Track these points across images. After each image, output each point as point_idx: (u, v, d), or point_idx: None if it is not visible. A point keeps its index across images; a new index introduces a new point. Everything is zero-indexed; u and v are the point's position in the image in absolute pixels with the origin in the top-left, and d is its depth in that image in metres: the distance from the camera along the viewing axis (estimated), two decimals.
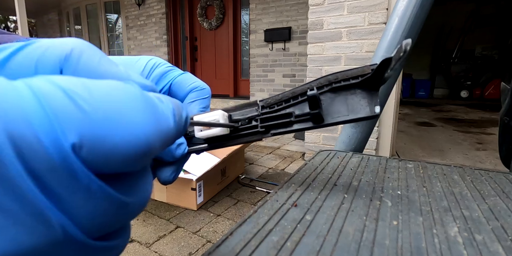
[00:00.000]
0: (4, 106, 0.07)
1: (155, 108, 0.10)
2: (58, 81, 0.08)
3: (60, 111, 0.08)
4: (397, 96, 1.81)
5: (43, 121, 0.08)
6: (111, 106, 0.09)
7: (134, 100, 0.10)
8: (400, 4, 0.49)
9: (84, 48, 0.11)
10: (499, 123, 0.73)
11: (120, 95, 0.09)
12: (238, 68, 4.53)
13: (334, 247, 0.20)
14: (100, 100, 0.09)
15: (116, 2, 5.47)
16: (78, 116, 0.08)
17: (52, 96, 0.08)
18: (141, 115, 0.10)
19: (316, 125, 0.21)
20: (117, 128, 0.09)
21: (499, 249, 0.20)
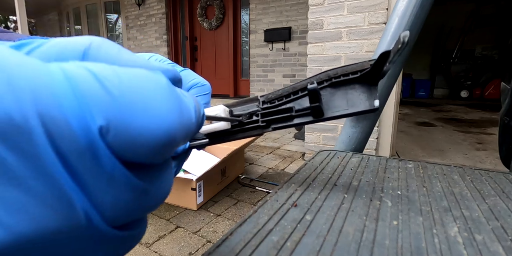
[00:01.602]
0: (37, 87, 0.07)
1: (180, 100, 0.11)
2: (89, 66, 0.09)
3: (89, 94, 0.08)
4: (397, 96, 1.81)
5: (72, 103, 0.08)
6: (139, 92, 0.09)
7: (161, 90, 0.10)
8: (400, 4, 0.49)
9: (102, 41, 0.11)
10: (499, 123, 0.73)
11: (148, 83, 0.09)
12: (238, 68, 4.53)
13: (334, 247, 0.20)
14: (128, 86, 0.09)
15: (116, 2, 5.47)
16: (106, 99, 0.08)
17: (83, 79, 0.08)
18: (167, 105, 0.10)
19: (316, 119, 0.21)
20: (143, 115, 0.09)
21: (499, 249, 0.20)
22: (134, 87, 0.09)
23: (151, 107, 0.09)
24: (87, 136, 0.08)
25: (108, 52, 0.11)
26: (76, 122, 0.08)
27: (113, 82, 0.09)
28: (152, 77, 0.10)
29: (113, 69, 0.09)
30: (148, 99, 0.09)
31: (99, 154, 0.08)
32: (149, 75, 0.10)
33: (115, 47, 0.12)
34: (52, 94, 0.07)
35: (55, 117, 0.07)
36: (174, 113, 0.10)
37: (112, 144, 0.08)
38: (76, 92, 0.08)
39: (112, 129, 0.08)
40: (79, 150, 0.08)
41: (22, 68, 0.07)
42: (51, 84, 0.08)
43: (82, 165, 0.08)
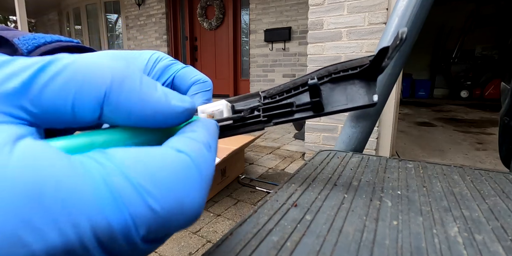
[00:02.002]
0: (87, 206, 0.08)
1: (204, 169, 0.12)
2: (128, 173, 0.09)
3: (135, 212, 0.09)
4: (397, 96, 1.81)
5: (120, 220, 0.09)
6: (174, 194, 0.10)
7: (194, 181, 0.11)
8: (400, 4, 0.49)
9: (124, 76, 0.11)
10: (499, 123, 0.73)
11: (180, 177, 0.10)
12: (238, 68, 4.53)
13: (334, 247, 0.20)
14: (165, 193, 0.10)
15: (116, 2, 5.47)
16: (149, 215, 0.09)
17: (128, 197, 0.09)
18: (197, 189, 0.11)
19: (317, 114, 0.22)
20: (178, 212, 0.10)
21: (499, 249, 0.20)
22: (171, 191, 0.10)
23: (186, 200, 0.10)
24: (130, 245, 0.09)
25: (129, 95, 0.11)
26: (122, 236, 0.09)
27: (154, 197, 0.09)
28: (186, 170, 0.11)
29: (150, 173, 0.10)
30: (184, 195, 0.10)
31: (137, 245, 0.09)
32: (183, 167, 0.11)
33: (137, 82, 0.12)
34: (99, 210, 0.08)
35: (103, 229, 0.09)
36: (202, 190, 0.11)
37: (147, 239, 0.10)
38: (122, 210, 0.09)
39: (152, 232, 0.10)
40: (124, 250, 0.09)
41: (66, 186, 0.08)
42: (96, 200, 0.08)
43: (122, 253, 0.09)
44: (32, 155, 0.08)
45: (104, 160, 0.09)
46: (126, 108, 0.11)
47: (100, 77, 0.11)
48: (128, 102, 0.11)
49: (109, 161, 0.09)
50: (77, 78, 0.10)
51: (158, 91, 0.12)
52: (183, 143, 0.12)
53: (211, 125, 0.15)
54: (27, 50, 0.18)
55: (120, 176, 0.09)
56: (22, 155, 0.08)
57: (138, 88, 0.11)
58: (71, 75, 0.10)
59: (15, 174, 0.08)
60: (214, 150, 0.13)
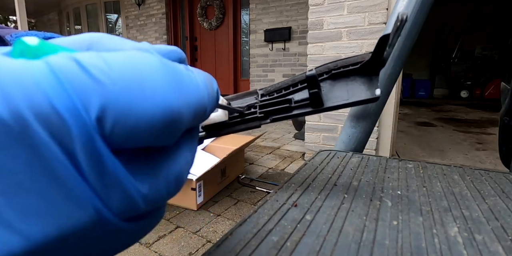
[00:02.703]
0: (23, 83, 0.07)
1: (179, 75, 0.10)
2: (77, 55, 0.08)
3: (77, 84, 0.08)
4: (397, 96, 1.81)
5: (61, 95, 0.07)
6: (129, 75, 0.09)
7: (152, 68, 0.09)
8: (400, 4, 0.49)
9: (102, 35, 0.12)
10: (499, 123, 0.73)
11: (137, 63, 0.09)
12: (238, 68, 4.53)
13: (334, 247, 0.20)
14: (117, 70, 0.08)
15: (116, 2, 5.47)
16: (95, 88, 0.08)
17: (68, 70, 0.08)
18: (161, 81, 0.09)
19: (316, 109, 0.21)
20: (137, 97, 0.08)
21: (499, 249, 0.20)
22: (124, 70, 0.08)
23: (144, 86, 0.09)
24: (83, 127, 0.08)
25: (111, 43, 0.11)
26: (69, 115, 0.07)
27: (101, 69, 0.08)
28: (141, 57, 0.09)
29: (100, 55, 0.09)
30: (139, 79, 0.09)
31: (98, 146, 0.08)
32: (138, 55, 0.09)
33: (117, 38, 0.12)
34: (39, 89, 0.07)
35: (47, 111, 0.07)
36: (170, 89, 0.09)
37: (113, 134, 0.08)
38: (64, 84, 0.07)
39: (109, 117, 0.08)
40: (78, 143, 0.07)
41: (3, 68, 0.07)
42: (36, 79, 0.07)
43: (84, 160, 0.08)
44: None
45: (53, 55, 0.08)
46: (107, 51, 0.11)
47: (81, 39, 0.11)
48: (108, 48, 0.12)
49: (59, 53, 0.09)
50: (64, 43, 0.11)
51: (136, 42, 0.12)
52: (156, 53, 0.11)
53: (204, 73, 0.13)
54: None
55: (65, 57, 0.08)
56: None
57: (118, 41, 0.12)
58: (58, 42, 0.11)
59: None
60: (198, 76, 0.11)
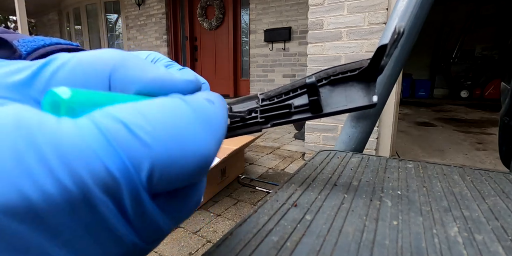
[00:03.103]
0: (83, 152, 0.08)
1: (208, 118, 0.11)
2: (118, 115, 0.09)
3: (129, 150, 0.09)
4: (397, 96, 1.81)
5: (117, 162, 0.08)
6: (170, 132, 0.10)
7: (189, 120, 0.10)
8: (400, 4, 0.49)
9: (124, 60, 0.12)
10: (499, 123, 0.73)
11: (175, 117, 0.10)
12: (238, 68, 4.53)
13: (334, 247, 0.20)
14: (159, 129, 0.09)
15: (116, 2, 5.47)
16: (145, 151, 0.09)
17: (119, 135, 0.09)
18: (198, 133, 0.10)
19: (315, 115, 0.22)
20: (179, 153, 0.09)
21: (499, 249, 0.20)
22: (164, 128, 0.09)
23: (184, 141, 0.10)
24: (133, 185, 0.09)
25: (133, 74, 0.11)
26: (123, 177, 0.08)
27: (146, 130, 0.09)
28: (176, 109, 0.10)
29: (140, 112, 0.09)
30: (180, 135, 0.10)
31: (143, 199, 0.09)
32: (173, 108, 0.10)
33: (140, 65, 0.12)
34: (96, 156, 0.08)
35: (104, 177, 0.08)
36: (205, 135, 0.11)
37: (157, 185, 0.09)
38: (117, 150, 0.08)
39: (155, 175, 0.09)
40: (127, 197, 0.09)
41: (59, 134, 0.08)
42: (92, 146, 0.08)
43: (130, 209, 0.09)
44: (18, 112, 0.08)
45: (94, 112, 0.09)
46: (130, 83, 0.11)
47: (103, 62, 0.11)
48: (132, 78, 0.11)
49: (100, 110, 0.09)
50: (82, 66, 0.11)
51: (159, 67, 0.12)
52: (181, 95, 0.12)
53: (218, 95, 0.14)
54: (26, 52, 0.18)
55: (109, 117, 0.09)
56: (11, 113, 0.08)
57: (141, 65, 0.12)
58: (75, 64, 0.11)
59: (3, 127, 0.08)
60: (220, 105, 0.13)
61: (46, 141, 0.08)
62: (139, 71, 0.12)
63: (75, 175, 0.08)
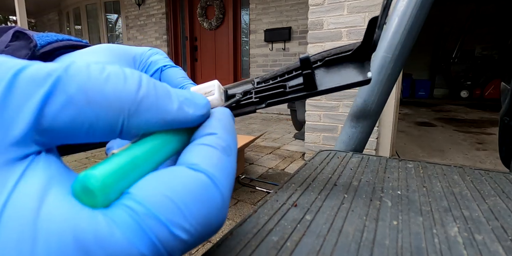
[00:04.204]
0: (129, 252, 0.09)
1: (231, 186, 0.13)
2: (159, 214, 0.10)
3: (169, 246, 0.10)
4: (397, 96, 1.81)
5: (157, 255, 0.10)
6: (202, 223, 0.11)
7: (218, 206, 0.12)
8: (400, 4, 0.49)
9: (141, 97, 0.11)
10: (499, 123, 0.73)
11: (207, 207, 0.11)
12: (238, 68, 4.53)
13: (334, 247, 0.20)
14: (195, 224, 0.11)
15: (116, 2, 5.47)
16: (181, 246, 0.11)
17: (161, 234, 0.10)
18: (223, 210, 0.12)
19: (310, 93, 0.21)
20: (207, 235, 0.12)
21: (499, 249, 0.20)
22: (199, 222, 0.11)
23: (213, 223, 0.12)
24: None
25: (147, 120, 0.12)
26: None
27: (185, 230, 0.11)
28: (211, 196, 0.12)
29: (178, 207, 0.11)
30: (211, 221, 0.11)
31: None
32: (207, 194, 0.11)
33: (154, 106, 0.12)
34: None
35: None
36: (226, 205, 0.12)
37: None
38: (161, 250, 0.10)
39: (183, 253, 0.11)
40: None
41: (107, 242, 0.09)
42: (140, 250, 0.10)
43: None
44: (70, 218, 0.09)
45: (132, 203, 0.10)
46: (145, 128, 0.12)
47: (116, 103, 0.11)
48: (146, 122, 0.12)
49: (138, 203, 0.10)
50: (92, 107, 0.10)
51: (173, 101, 0.13)
52: (201, 156, 0.13)
53: (227, 118, 0.15)
54: (40, 45, 0.19)
55: (151, 217, 0.10)
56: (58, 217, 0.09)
57: (155, 105, 0.12)
58: (84, 103, 0.10)
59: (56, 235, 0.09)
60: (234, 148, 0.14)
61: (101, 253, 0.09)
62: (154, 113, 0.12)
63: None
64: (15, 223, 0.08)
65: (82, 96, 0.10)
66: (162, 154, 0.13)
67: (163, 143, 0.13)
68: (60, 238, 0.08)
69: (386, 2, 0.19)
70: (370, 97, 0.50)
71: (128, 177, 0.11)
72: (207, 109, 0.15)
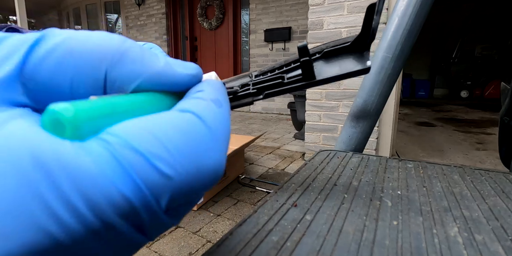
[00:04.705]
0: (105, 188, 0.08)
1: (221, 129, 0.11)
2: (134, 143, 0.09)
3: (151, 183, 0.09)
4: (397, 96, 1.81)
5: (139, 195, 0.09)
6: (189, 158, 0.10)
7: (205, 139, 0.10)
8: (400, 4, 0.49)
9: (124, 48, 0.11)
10: (499, 123, 0.73)
11: (193, 140, 0.10)
12: (238, 68, 4.53)
13: (334, 247, 0.20)
14: (178, 157, 0.09)
15: (116, 2, 5.47)
16: (166, 183, 0.09)
17: (139, 167, 0.09)
18: (215, 152, 0.10)
19: (308, 83, 0.21)
20: (197, 179, 0.10)
21: (499, 249, 0.20)
22: (184, 155, 0.10)
23: (202, 165, 0.10)
24: (154, 213, 0.09)
25: (132, 69, 0.11)
26: (144, 209, 0.09)
27: (166, 162, 0.09)
28: (193, 128, 0.10)
29: (157, 138, 0.09)
30: (198, 159, 0.10)
31: (160, 217, 0.10)
32: (192, 128, 0.10)
33: (139, 57, 0.11)
34: (119, 192, 0.08)
35: (128, 210, 0.08)
36: (220, 150, 0.11)
37: (171, 207, 0.10)
38: (139, 184, 0.09)
39: (174, 202, 0.10)
40: (147, 221, 0.09)
41: (76, 165, 0.08)
42: (114, 181, 0.08)
43: (149, 227, 0.10)
44: (28, 137, 0.08)
45: (108, 136, 0.09)
46: (130, 80, 0.11)
47: (99, 55, 0.10)
48: (131, 74, 0.11)
49: (114, 136, 0.09)
50: (74, 57, 0.10)
51: (160, 59, 0.12)
52: (189, 103, 0.11)
53: (218, 83, 0.14)
54: None
55: (127, 147, 0.09)
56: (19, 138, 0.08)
57: (140, 57, 0.11)
58: (65, 53, 0.10)
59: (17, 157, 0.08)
60: (226, 105, 0.13)
61: (65, 178, 0.08)
62: (139, 66, 0.11)
63: (97, 210, 0.08)
64: None
65: (65, 46, 0.10)
66: (145, 111, 0.11)
67: (149, 100, 0.12)
68: (15, 155, 0.08)
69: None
70: (370, 97, 0.50)
71: (103, 119, 0.10)
72: (198, 71, 0.13)
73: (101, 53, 0.10)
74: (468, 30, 5.76)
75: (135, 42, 0.12)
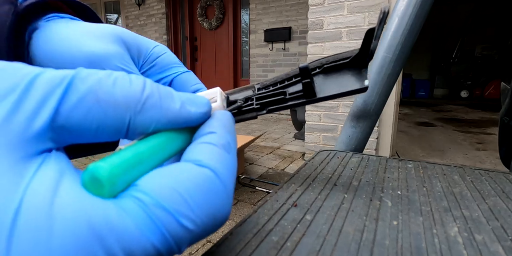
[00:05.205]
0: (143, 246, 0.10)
1: (232, 180, 0.13)
2: (166, 204, 0.11)
3: (177, 237, 0.11)
4: (397, 96, 1.81)
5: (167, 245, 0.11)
6: (207, 213, 0.12)
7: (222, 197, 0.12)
8: (400, 4, 0.49)
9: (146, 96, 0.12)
10: (499, 123, 0.73)
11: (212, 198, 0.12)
12: (238, 68, 4.53)
13: (334, 247, 0.20)
14: (200, 214, 0.11)
15: (116, 2, 5.47)
16: (188, 236, 0.11)
17: (171, 227, 0.11)
18: (226, 201, 0.12)
19: (309, 100, 0.22)
20: (213, 226, 0.12)
21: (499, 249, 0.20)
22: (205, 213, 0.12)
23: (218, 215, 0.12)
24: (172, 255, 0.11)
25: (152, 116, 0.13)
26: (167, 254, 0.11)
27: (191, 220, 0.11)
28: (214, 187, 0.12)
29: (184, 198, 0.11)
30: (215, 212, 0.12)
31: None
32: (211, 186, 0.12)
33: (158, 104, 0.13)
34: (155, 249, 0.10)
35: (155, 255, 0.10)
36: (229, 200, 0.13)
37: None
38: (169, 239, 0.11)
39: (190, 244, 0.12)
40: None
41: (126, 236, 0.10)
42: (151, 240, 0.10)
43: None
44: (81, 209, 0.09)
45: (140, 195, 0.11)
46: (150, 125, 0.12)
47: (123, 103, 0.12)
48: (151, 119, 0.12)
49: (146, 195, 0.11)
50: (102, 105, 0.11)
51: (175, 101, 0.14)
52: (203, 153, 0.13)
53: (227, 119, 0.16)
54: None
55: (158, 207, 0.11)
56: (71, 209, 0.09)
57: (158, 104, 0.13)
58: (94, 101, 0.11)
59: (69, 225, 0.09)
60: (234, 146, 0.15)
61: (115, 240, 0.09)
62: (158, 111, 0.13)
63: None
64: (32, 212, 0.09)
65: (92, 96, 0.11)
66: (166, 151, 0.14)
67: (167, 141, 0.14)
68: (75, 226, 0.09)
69: (382, 15, 0.19)
70: (370, 97, 0.50)
71: (134, 170, 0.11)
72: (208, 108, 0.15)
73: (125, 104, 0.12)
74: (468, 30, 5.76)
75: (153, 84, 0.13)
